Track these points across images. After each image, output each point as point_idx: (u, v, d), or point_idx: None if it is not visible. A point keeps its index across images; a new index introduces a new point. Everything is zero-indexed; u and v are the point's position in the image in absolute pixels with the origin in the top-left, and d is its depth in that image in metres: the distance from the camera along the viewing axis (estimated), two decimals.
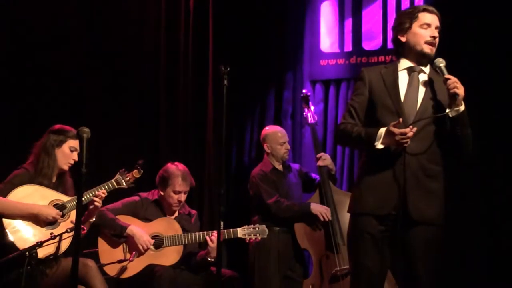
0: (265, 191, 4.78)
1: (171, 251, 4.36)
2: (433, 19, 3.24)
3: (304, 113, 5.12)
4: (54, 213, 3.82)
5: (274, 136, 4.96)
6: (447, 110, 3.10)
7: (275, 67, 5.73)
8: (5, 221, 3.74)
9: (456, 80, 3.08)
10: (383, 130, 3.09)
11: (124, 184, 4.10)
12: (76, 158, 3.96)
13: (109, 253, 4.29)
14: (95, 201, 3.89)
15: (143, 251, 4.28)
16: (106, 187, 3.99)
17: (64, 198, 3.91)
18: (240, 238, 4.41)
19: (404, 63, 3.28)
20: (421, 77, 3.24)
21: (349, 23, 5.62)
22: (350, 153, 5.43)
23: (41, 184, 3.89)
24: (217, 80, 5.33)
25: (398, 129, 3.02)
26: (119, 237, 4.31)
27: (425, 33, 3.21)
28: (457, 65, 3.45)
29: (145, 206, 4.51)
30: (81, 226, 3.71)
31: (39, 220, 3.80)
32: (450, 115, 3.09)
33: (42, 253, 3.70)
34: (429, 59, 3.24)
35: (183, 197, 4.51)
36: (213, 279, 4.30)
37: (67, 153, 3.97)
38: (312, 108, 5.12)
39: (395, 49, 3.37)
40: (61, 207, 3.87)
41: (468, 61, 5.01)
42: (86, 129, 3.16)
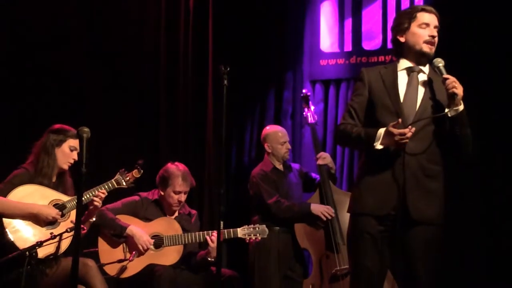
0: (265, 191, 4.78)
1: (171, 251, 4.36)
2: (432, 18, 3.24)
3: (304, 113, 5.13)
4: (54, 213, 3.82)
5: (275, 136, 4.96)
6: (446, 110, 3.09)
7: (275, 67, 5.73)
8: (5, 220, 3.74)
9: (455, 79, 3.08)
10: (382, 130, 3.09)
11: (124, 184, 4.10)
12: (76, 158, 3.96)
13: (109, 253, 4.29)
14: (94, 201, 3.89)
15: (143, 251, 4.28)
16: (106, 187, 4.00)
17: (64, 198, 3.91)
18: (240, 238, 4.40)
19: (404, 63, 3.27)
20: (420, 77, 3.24)
21: (349, 23, 5.62)
22: (350, 153, 5.43)
23: (41, 184, 3.89)
24: (217, 80, 5.33)
25: (397, 130, 3.02)
26: (119, 237, 4.31)
27: (424, 32, 3.21)
28: (457, 65, 3.46)
29: (145, 206, 4.51)
30: (81, 226, 3.71)
31: (39, 220, 3.80)
32: (449, 114, 3.09)
33: (42, 252, 3.70)
34: (428, 59, 3.23)
35: (183, 197, 4.50)
36: (213, 279, 4.30)
37: (67, 152, 3.97)
38: (312, 108, 5.12)
39: (395, 50, 3.36)
40: (61, 207, 3.87)
41: (468, 61, 5.01)
42: (86, 129, 3.16)
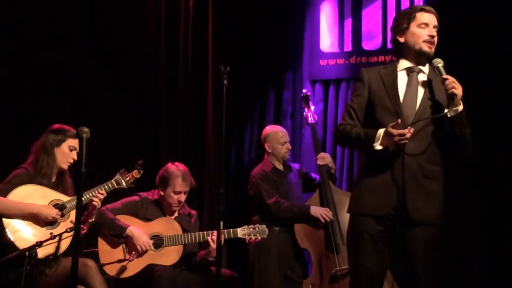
0: (265, 191, 4.78)
1: (171, 251, 4.36)
2: (431, 18, 3.23)
3: (304, 113, 5.13)
4: (54, 213, 3.82)
5: (275, 136, 4.96)
6: (445, 110, 3.09)
7: (275, 67, 5.73)
8: (5, 220, 3.74)
9: (454, 80, 3.07)
10: (381, 131, 3.09)
11: (124, 184, 4.10)
12: (76, 158, 3.95)
13: (108, 253, 4.28)
14: (93, 201, 3.89)
15: (141, 252, 4.27)
16: (106, 187, 3.99)
17: (64, 198, 3.91)
18: (240, 238, 4.40)
19: (403, 63, 3.27)
20: (420, 77, 3.24)
21: (349, 23, 5.61)
22: (349, 153, 5.43)
23: (40, 184, 3.89)
24: (217, 80, 5.32)
25: (396, 130, 3.02)
26: (118, 237, 4.30)
27: (423, 32, 3.21)
28: (456, 65, 3.45)
29: (145, 206, 4.51)
30: (81, 226, 3.71)
31: (39, 220, 3.80)
32: (448, 115, 3.08)
33: (41, 253, 3.70)
34: (428, 58, 3.23)
35: (183, 197, 4.50)
36: (213, 279, 4.30)
37: (67, 152, 3.97)
38: (312, 108, 5.12)
39: (394, 50, 3.36)
40: (61, 207, 3.87)
41: (467, 61, 5.01)
42: (85, 129, 3.17)
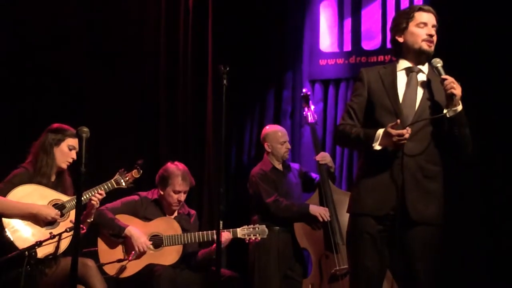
0: (264, 190, 4.78)
1: (171, 251, 4.36)
2: (430, 17, 3.23)
3: (304, 112, 5.12)
4: (54, 213, 3.82)
5: (274, 135, 4.96)
6: (444, 110, 3.09)
7: (274, 67, 5.72)
8: (4, 220, 3.74)
9: (453, 80, 3.07)
10: (381, 131, 3.09)
11: (124, 184, 4.10)
12: (75, 157, 3.95)
13: (108, 252, 4.28)
14: (92, 201, 3.89)
15: (139, 253, 4.26)
16: (106, 187, 3.99)
17: (64, 198, 3.91)
18: (239, 238, 4.41)
19: (403, 63, 3.27)
20: (419, 77, 3.23)
21: (348, 23, 5.60)
22: (349, 153, 5.42)
23: (40, 183, 3.89)
24: (216, 79, 5.32)
25: (395, 130, 3.02)
26: (117, 237, 4.30)
27: (422, 32, 3.21)
28: (456, 65, 3.45)
29: (144, 205, 4.51)
30: (80, 225, 3.71)
31: (38, 220, 3.80)
32: (447, 115, 3.08)
33: (41, 252, 3.70)
34: (427, 57, 3.23)
35: (182, 196, 4.50)
36: (212, 279, 4.30)
37: (66, 151, 3.97)
38: (312, 108, 5.12)
39: (394, 50, 3.36)
40: (60, 207, 3.87)
41: (467, 61, 5.00)
42: (85, 129, 3.17)
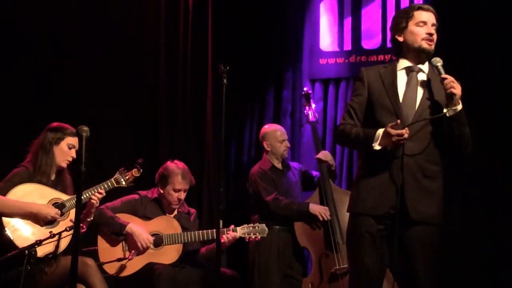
0: (263, 189, 4.78)
1: (171, 250, 4.36)
2: (429, 16, 3.24)
3: (305, 111, 5.11)
4: (53, 212, 3.82)
5: (273, 134, 4.96)
6: (444, 109, 3.09)
7: (274, 66, 5.73)
8: (4, 219, 3.74)
9: (453, 79, 3.08)
10: (380, 131, 3.09)
11: (124, 183, 4.10)
12: (74, 156, 3.95)
13: (108, 251, 4.28)
14: (92, 199, 3.89)
15: (142, 249, 4.27)
16: (105, 186, 3.99)
17: (64, 197, 3.91)
18: (239, 237, 4.40)
19: (403, 62, 3.28)
20: (419, 76, 3.24)
21: (348, 22, 5.61)
22: (349, 152, 5.42)
23: (40, 182, 3.89)
24: (216, 79, 5.32)
25: (394, 130, 3.02)
26: (118, 235, 4.30)
27: (421, 30, 3.21)
28: (456, 64, 3.45)
29: (144, 204, 4.51)
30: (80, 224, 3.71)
31: (38, 219, 3.80)
32: (447, 114, 3.08)
33: (41, 251, 3.69)
34: (427, 55, 3.23)
35: (182, 195, 4.51)
36: (212, 278, 4.30)
37: (65, 150, 3.97)
38: (313, 106, 5.11)
39: (394, 49, 3.38)
40: (60, 206, 3.87)
41: (467, 60, 5.01)
42: (85, 128, 3.17)
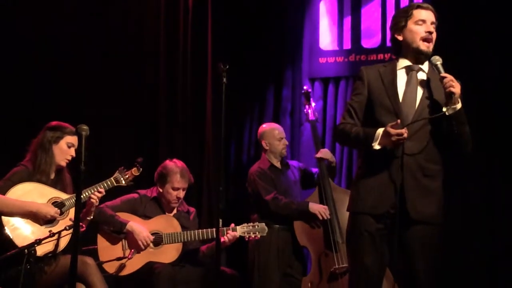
0: (262, 188, 4.78)
1: (170, 249, 4.35)
2: (428, 15, 3.24)
3: (305, 110, 5.11)
4: (53, 211, 3.81)
5: (271, 132, 4.96)
6: (443, 108, 3.09)
7: (274, 65, 5.73)
8: (4, 218, 3.73)
9: (452, 78, 3.07)
10: (380, 130, 3.09)
11: (123, 182, 4.10)
12: (74, 154, 3.95)
13: (108, 250, 4.28)
14: (92, 199, 3.89)
15: (143, 247, 4.27)
16: (105, 185, 3.99)
17: (63, 196, 3.91)
18: (239, 236, 4.40)
19: (403, 62, 3.27)
20: (419, 75, 3.24)
21: (348, 21, 5.61)
22: (348, 151, 5.42)
23: (39, 181, 3.89)
24: (216, 78, 5.32)
25: (394, 130, 3.02)
26: (118, 233, 4.30)
27: (420, 29, 3.21)
28: (456, 63, 3.45)
29: (144, 203, 4.51)
30: (80, 223, 3.71)
31: (37, 218, 3.79)
32: (447, 113, 3.08)
33: (40, 250, 3.69)
34: (426, 56, 3.23)
35: (181, 193, 4.51)
36: (212, 277, 4.29)
37: (65, 149, 3.97)
38: (313, 105, 5.10)
39: (394, 48, 3.37)
40: (60, 205, 3.87)
41: (467, 59, 5.01)
42: (84, 127, 3.16)
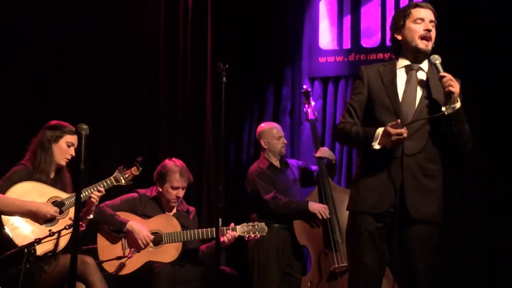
0: (262, 187, 4.78)
1: (170, 248, 4.35)
2: (427, 13, 3.24)
3: (304, 109, 5.10)
4: (53, 210, 3.81)
5: (270, 131, 4.96)
6: (443, 108, 3.09)
7: (274, 64, 5.74)
8: (3, 217, 3.74)
9: (451, 77, 3.07)
10: (380, 130, 3.09)
11: (123, 182, 4.10)
12: (73, 154, 3.95)
13: (108, 249, 4.28)
14: (92, 198, 3.89)
15: (142, 246, 4.27)
16: (105, 184, 3.99)
17: (63, 195, 3.91)
18: (239, 236, 4.40)
19: (402, 61, 3.28)
20: (419, 75, 3.24)
21: (348, 20, 5.61)
22: (348, 150, 5.43)
23: (39, 180, 3.89)
24: (216, 78, 5.32)
25: (394, 129, 3.03)
26: (118, 232, 4.30)
27: (419, 27, 3.21)
28: (455, 62, 3.45)
29: (143, 202, 4.51)
30: (80, 223, 3.71)
31: (37, 217, 3.79)
32: (446, 112, 3.08)
33: (40, 250, 3.70)
34: (425, 55, 3.23)
35: (181, 193, 4.51)
36: (211, 277, 4.29)
37: (64, 148, 3.97)
38: (313, 104, 5.10)
39: (393, 48, 3.37)
40: (59, 204, 3.87)
41: (466, 58, 5.01)
42: (84, 126, 3.17)
